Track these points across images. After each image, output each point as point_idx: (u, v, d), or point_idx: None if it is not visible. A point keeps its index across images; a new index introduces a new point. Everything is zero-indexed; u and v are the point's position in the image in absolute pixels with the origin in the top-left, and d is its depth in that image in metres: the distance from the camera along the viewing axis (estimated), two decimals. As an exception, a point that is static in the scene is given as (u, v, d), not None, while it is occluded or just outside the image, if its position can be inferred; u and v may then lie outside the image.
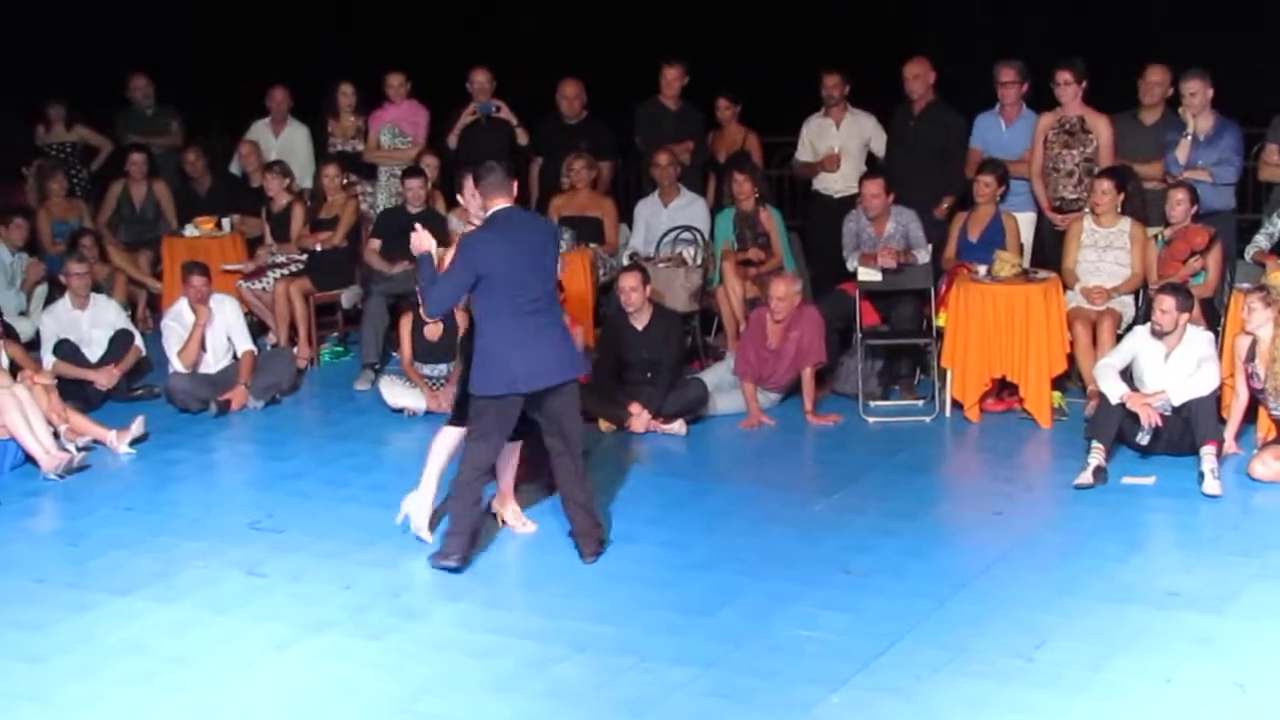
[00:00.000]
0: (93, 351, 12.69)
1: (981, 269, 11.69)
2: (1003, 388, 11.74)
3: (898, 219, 12.37)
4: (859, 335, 11.98)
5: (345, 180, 14.25)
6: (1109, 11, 18.93)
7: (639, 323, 11.77)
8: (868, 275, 12.01)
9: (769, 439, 11.51)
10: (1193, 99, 11.91)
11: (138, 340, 12.99)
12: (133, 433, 11.39)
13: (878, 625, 7.91)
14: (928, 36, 14.87)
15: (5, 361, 11.55)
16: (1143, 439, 10.24)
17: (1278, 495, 9.84)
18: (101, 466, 11.06)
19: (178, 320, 12.45)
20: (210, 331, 12.41)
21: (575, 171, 13.83)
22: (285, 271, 13.97)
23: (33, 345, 12.94)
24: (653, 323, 11.78)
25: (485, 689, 7.39)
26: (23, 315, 13.94)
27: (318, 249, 13.86)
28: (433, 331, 11.86)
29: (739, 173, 13.17)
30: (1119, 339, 11.17)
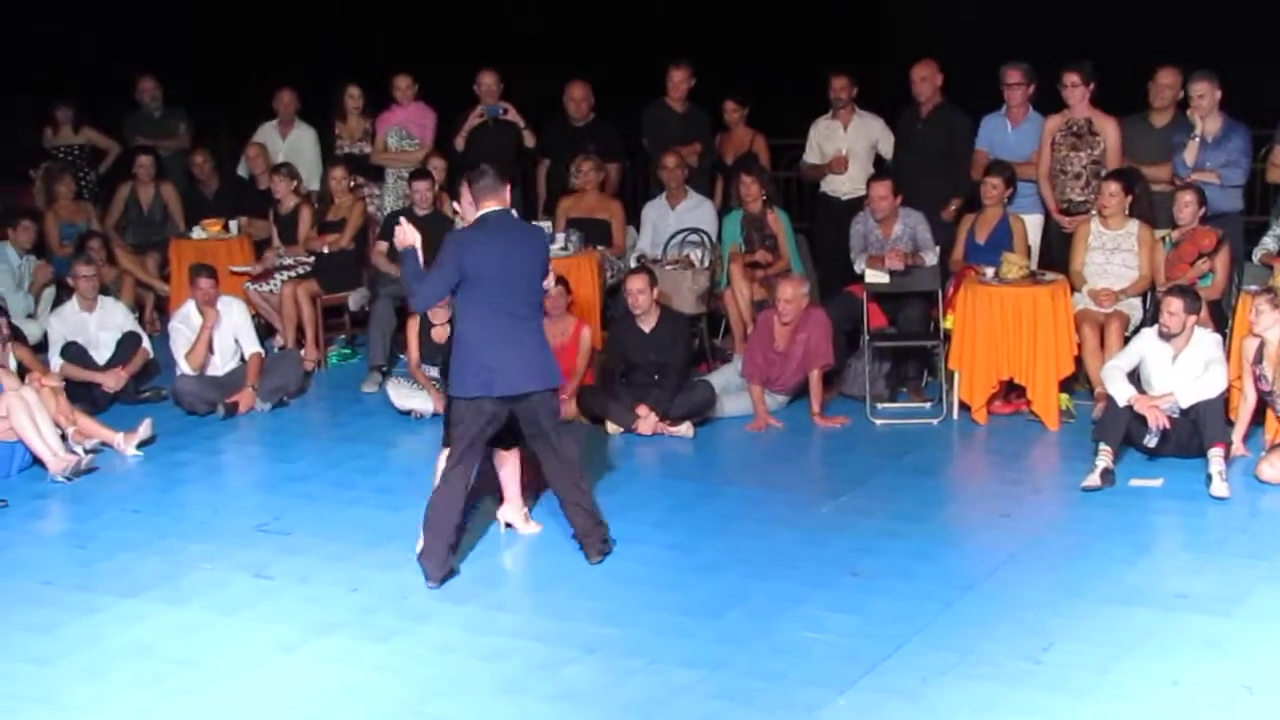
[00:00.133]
0: (100, 354, 12.70)
1: (989, 271, 11.68)
2: (1010, 390, 11.74)
3: (905, 221, 12.37)
4: (866, 337, 11.98)
5: (352, 182, 14.26)
6: (1116, 13, 18.92)
7: (646, 325, 11.77)
8: (875, 277, 12.01)
9: (776, 441, 11.50)
10: (1201, 101, 11.90)
11: (145, 342, 13.00)
12: (140, 435, 11.40)
13: (885, 627, 7.91)
14: (935, 38, 14.82)
15: (13, 364, 11.56)
16: (1150, 441, 10.23)
17: (1286, 497, 9.86)
18: (109, 469, 11.06)
19: (185, 322, 12.45)
20: (218, 334, 12.42)
21: (583, 173, 13.83)
22: (293, 274, 13.98)
23: (40, 348, 12.95)
24: (660, 325, 11.78)
25: (493, 691, 7.39)
26: (30, 318, 13.98)
27: (325, 251, 13.87)
28: (440, 334, 11.84)
29: (746, 175, 13.18)
30: (1126, 341, 11.15)
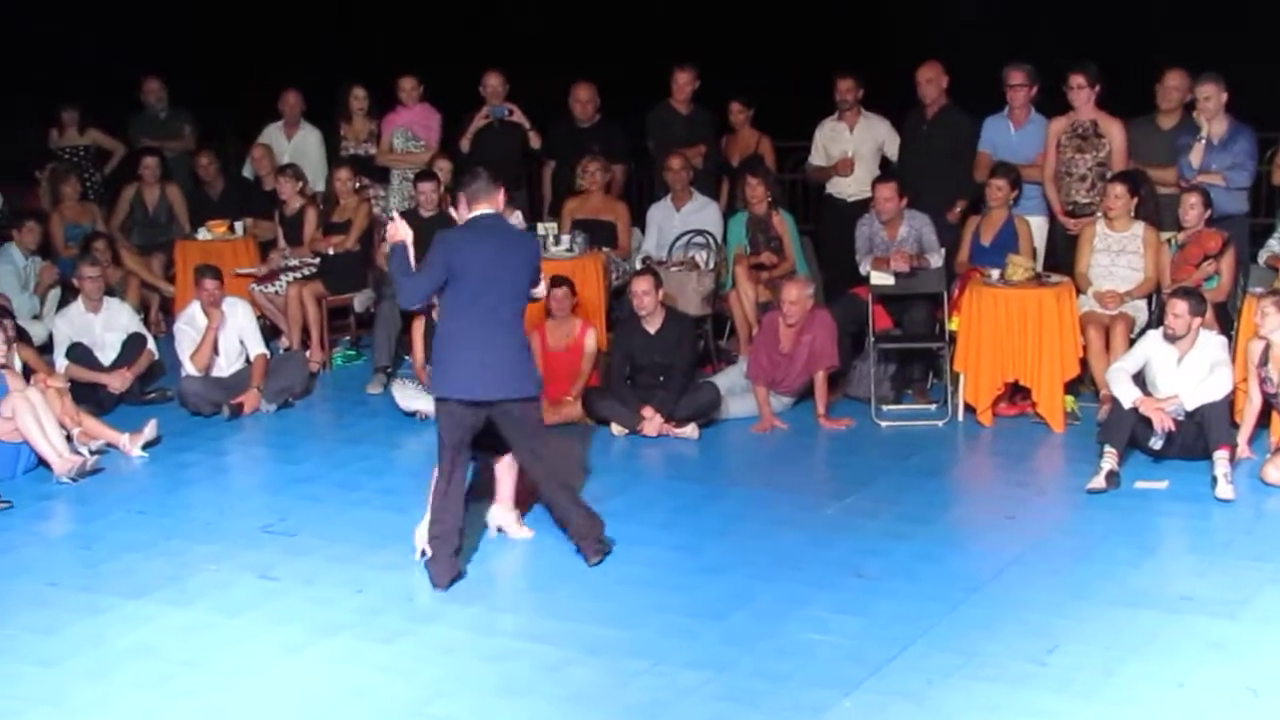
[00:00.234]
0: (105, 355, 12.71)
1: (994, 273, 11.68)
2: (1015, 392, 11.73)
3: (910, 223, 12.37)
4: (871, 339, 11.97)
5: (358, 184, 14.25)
6: (1121, 14, 18.94)
7: (651, 326, 11.77)
8: (880, 279, 12.01)
9: (781, 443, 11.50)
10: (1207, 103, 11.89)
11: (150, 344, 13.01)
12: (145, 436, 11.40)
13: (890, 629, 7.90)
14: (940, 40, 14.83)
15: (18, 365, 11.56)
16: (1155, 443, 10.23)
17: (1291, 500, 9.85)
18: (114, 470, 11.06)
19: (190, 324, 12.46)
20: (223, 335, 12.42)
21: (589, 174, 13.83)
22: (298, 275, 13.98)
23: (46, 349, 12.97)
24: (665, 326, 11.78)
25: (497, 693, 7.39)
26: (36, 319, 13.98)
27: (330, 252, 13.87)
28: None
29: (752, 177, 13.18)
30: (1132, 343, 11.15)
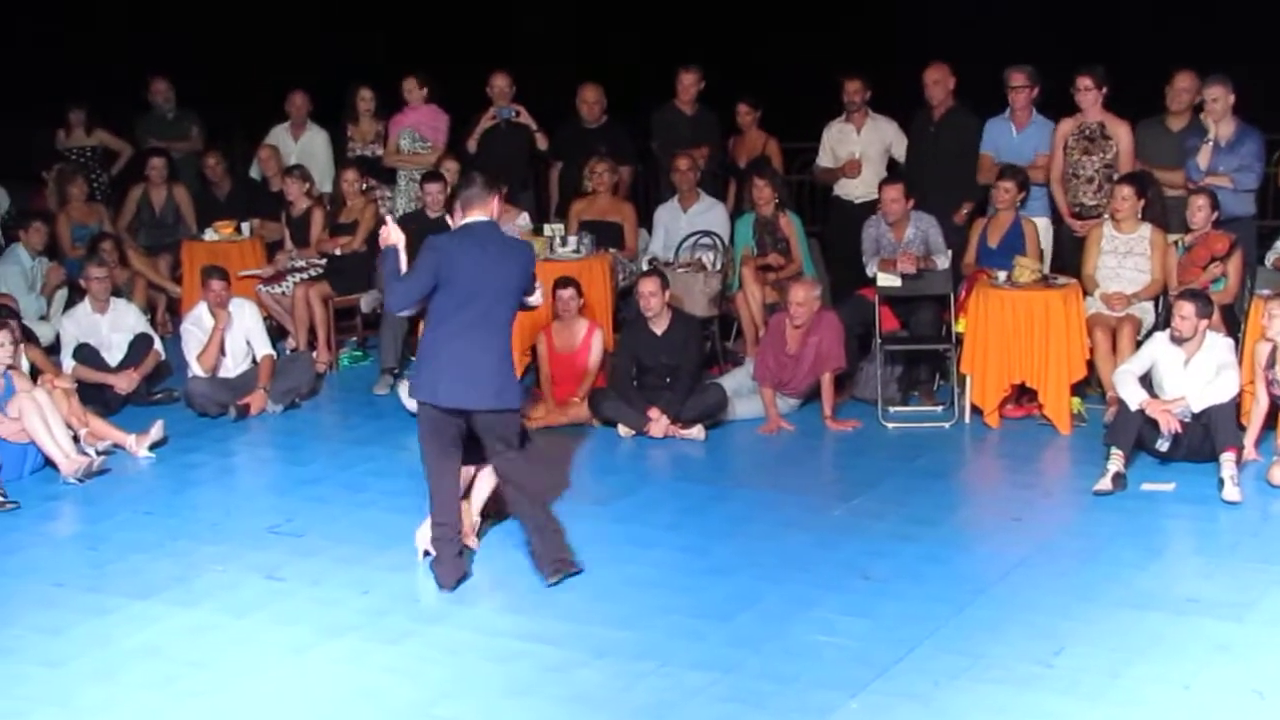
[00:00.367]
0: (112, 356, 12.71)
1: (1001, 274, 11.68)
2: (1022, 394, 11.73)
3: (917, 224, 12.37)
4: (878, 341, 11.97)
5: (364, 185, 14.26)
6: (1127, 16, 18.92)
7: (658, 328, 11.77)
8: (887, 281, 12.00)
9: (788, 444, 11.50)
10: (1214, 105, 11.88)
11: (157, 344, 13.02)
12: (152, 437, 11.41)
13: (896, 631, 7.90)
14: (947, 42, 14.81)
15: (25, 365, 11.57)
16: (1162, 445, 10.22)
17: (1298, 502, 9.85)
18: (121, 470, 11.07)
19: (197, 324, 12.47)
20: (229, 336, 12.42)
21: (597, 175, 13.82)
22: (304, 276, 13.99)
23: (53, 349, 12.98)
24: (672, 328, 11.78)
25: (504, 694, 7.39)
26: (43, 319, 13.99)
27: (337, 253, 13.88)
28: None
29: (759, 178, 13.18)
30: (1139, 345, 11.15)
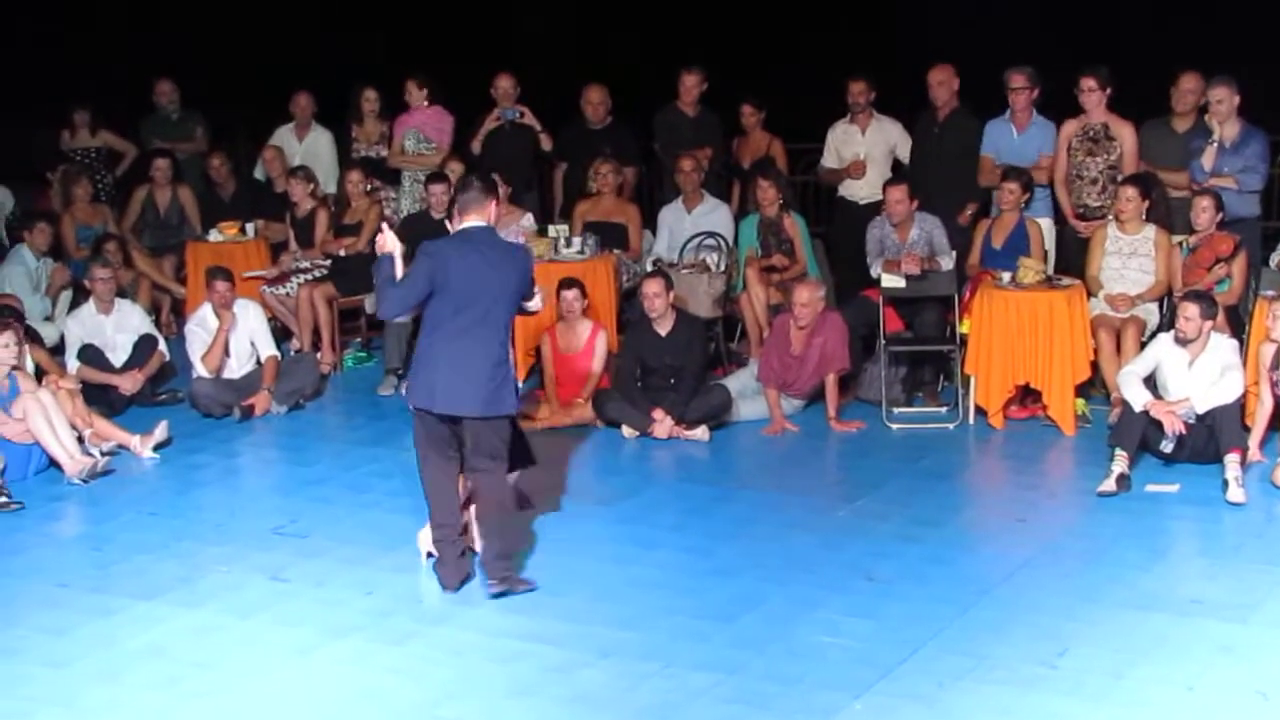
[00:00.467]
0: (117, 356, 12.72)
1: (1005, 276, 11.68)
2: (1026, 395, 11.73)
3: (921, 225, 12.37)
4: (882, 342, 11.98)
5: (369, 185, 14.27)
6: (1127, 16, 18.93)
7: (662, 328, 11.77)
8: (891, 282, 12.00)
9: (792, 445, 11.50)
10: (1219, 106, 11.88)
11: (162, 345, 13.02)
12: (156, 437, 11.42)
13: (901, 632, 7.90)
14: (947, 42, 14.81)
15: (30, 366, 11.58)
16: (1166, 447, 10.22)
17: (1302, 503, 9.84)
18: (125, 471, 11.07)
19: (201, 325, 12.47)
20: (234, 337, 12.43)
21: (601, 176, 13.82)
22: (309, 277, 14.00)
23: (57, 350, 12.98)
24: (676, 329, 11.78)
25: (507, 694, 7.39)
26: (48, 320, 14.00)
27: (341, 254, 13.88)
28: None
29: (763, 179, 13.18)
30: (1143, 346, 11.14)
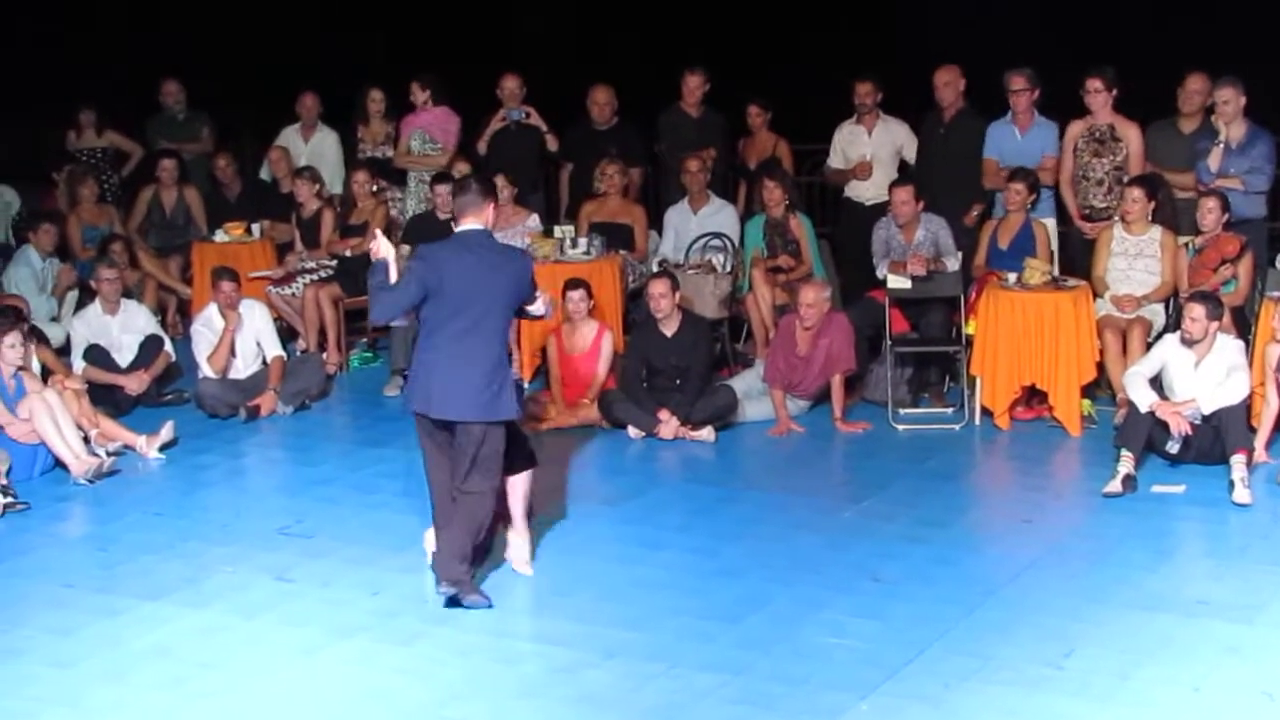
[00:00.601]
0: (123, 357, 12.73)
1: (1011, 276, 11.67)
2: (1032, 395, 11.73)
3: (927, 226, 12.37)
4: (888, 343, 11.98)
5: (375, 186, 14.27)
6: (1128, 17, 18.93)
7: (668, 329, 11.77)
8: (897, 283, 12.00)
9: (798, 446, 11.50)
10: (1225, 107, 11.87)
11: (168, 345, 13.02)
12: (162, 438, 11.42)
13: (907, 632, 7.90)
14: (947, 43, 14.82)
15: (36, 366, 11.58)
16: (1172, 447, 10.20)
17: (1308, 504, 9.84)
18: (131, 471, 11.07)
19: (207, 326, 12.47)
20: (240, 337, 12.43)
21: (607, 177, 13.83)
22: (315, 277, 13.99)
23: (63, 350, 12.98)
24: (682, 329, 11.78)
25: (514, 695, 7.39)
26: (54, 320, 13.99)
27: (347, 254, 13.87)
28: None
29: (769, 179, 13.19)
30: (1149, 347, 11.14)
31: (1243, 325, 11.29)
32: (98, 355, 12.59)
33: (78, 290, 14.31)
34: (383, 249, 8.58)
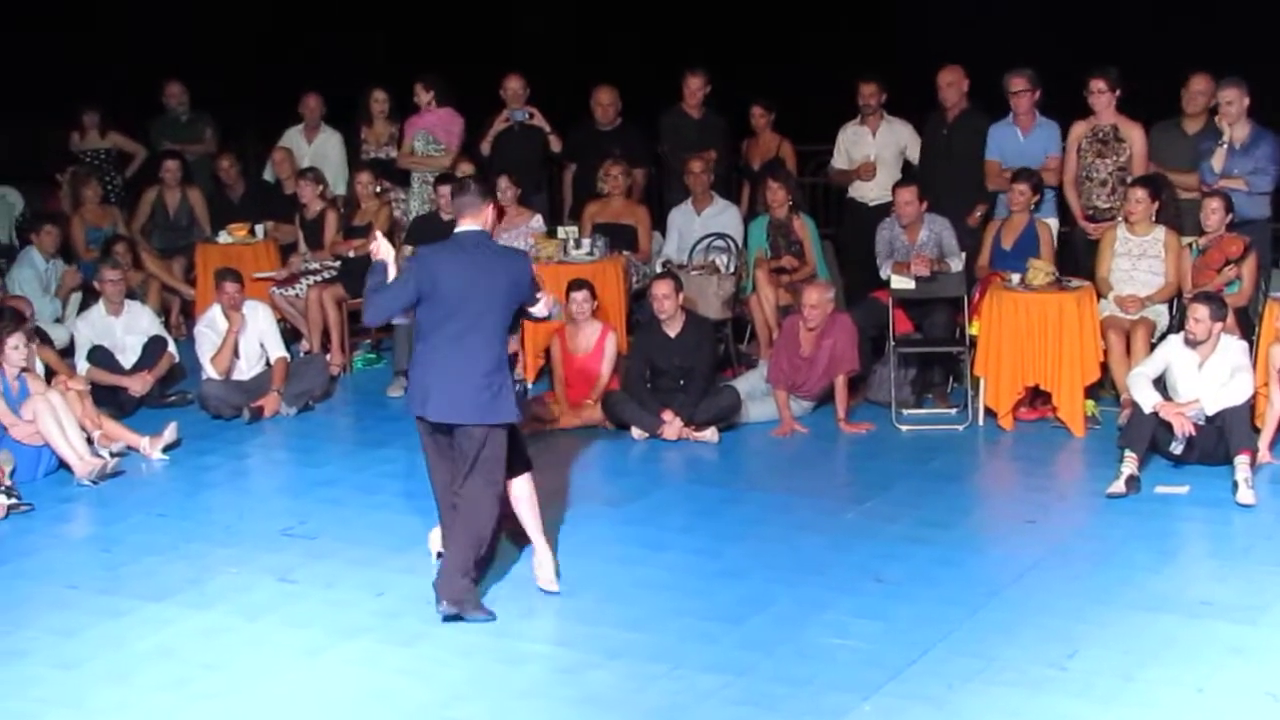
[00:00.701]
0: (126, 358, 12.73)
1: (1015, 277, 11.67)
2: (1036, 396, 11.72)
3: (931, 227, 12.37)
4: (892, 343, 11.97)
5: (378, 187, 14.27)
6: (1127, 17, 18.91)
7: (672, 330, 11.77)
8: (901, 283, 12.00)
9: (801, 447, 11.50)
10: (1229, 107, 11.86)
11: (171, 347, 13.02)
12: (166, 439, 11.42)
13: (909, 634, 7.90)
14: (947, 43, 14.81)
15: (40, 368, 11.59)
16: (1176, 448, 10.20)
17: (1312, 505, 9.83)
18: (134, 472, 11.08)
19: (211, 327, 12.48)
20: (243, 338, 12.44)
21: (611, 178, 13.82)
22: (318, 278, 14.00)
23: (67, 352, 13.00)
24: (685, 330, 11.78)
25: (517, 695, 7.39)
26: (58, 322, 14.01)
27: (351, 256, 13.86)
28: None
29: (773, 180, 13.19)
30: (1153, 348, 11.13)
31: (1246, 326, 11.29)
32: (101, 356, 12.60)
33: (81, 291, 14.32)
34: (383, 250, 8.55)
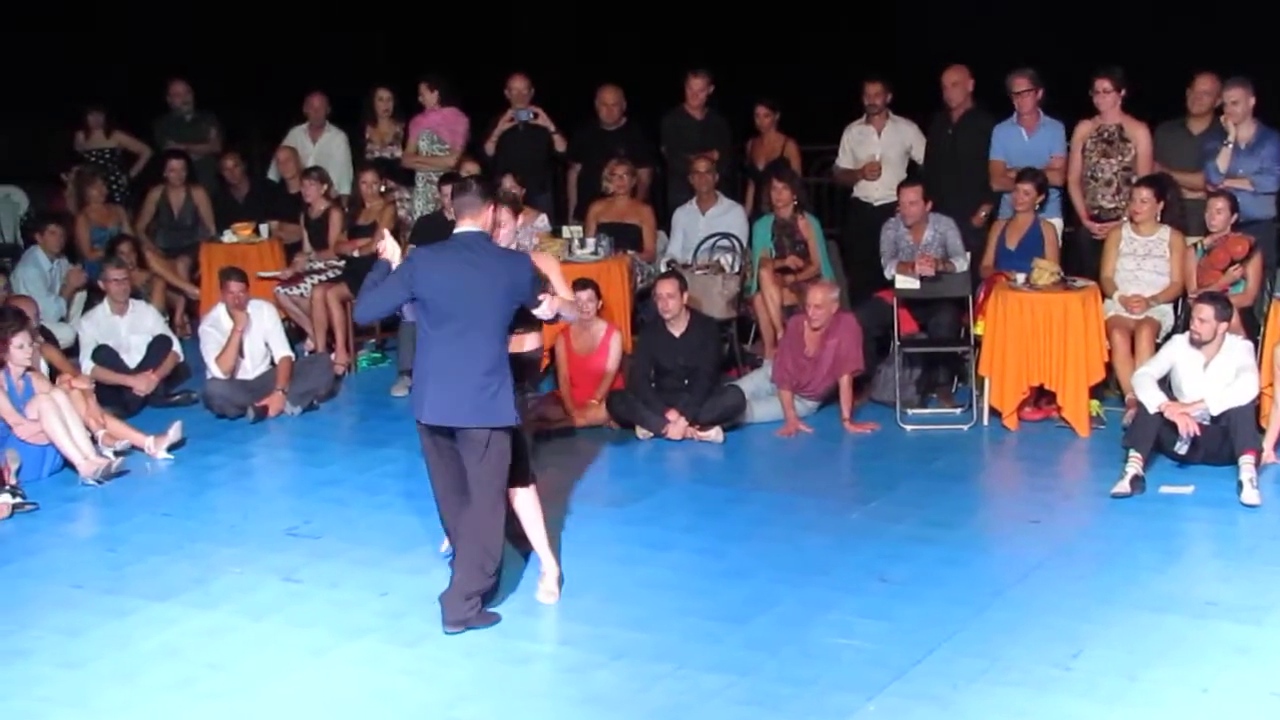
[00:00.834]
0: (131, 357, 12.74)
1: (1020, 277, 11.67)
2: (1041, 396, 11.72)
3: (935, 227, 12.37)
4: (897, 343, 11.97)
5: (383, 186, 14.27)
6: (1128, 16, 18.91)
7: (676, 329, 11.76)
8: (906, 283, 12.00)
9: (806, 447, 11.49)
10: (1234, 108, 11.86)
11: (176, 346, 13.04)
12: (170, 438, 11.43)
13: (915, 633, 7.89)
14: (948, 43, 14.81)
15: (44, 367, 11.59)
16: (1181, 448, 10.20)
17: (1317, 505, 9.82)
18: (139, 472, 11.09)
19: (215, 326, 12.49)
20: (248, 337, 12.44)
21: (616, 177, 13.82)
22: (323, 278, 14.00)
23: (72, 351, 13.00)
24: (690, 330, 11.77)
25: (521, 695, 7.39)
26: (62, 321, 14.02)
27: (355, 255, 13.86)
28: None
29: (778, 180, 13.18)
30: (1157, 348, 11.13)
31: (1251, 326, 11.28)
32: (106, 356, 12.61)
33: (86, 291, 14.33)
34: (390, 250, 8.54)
